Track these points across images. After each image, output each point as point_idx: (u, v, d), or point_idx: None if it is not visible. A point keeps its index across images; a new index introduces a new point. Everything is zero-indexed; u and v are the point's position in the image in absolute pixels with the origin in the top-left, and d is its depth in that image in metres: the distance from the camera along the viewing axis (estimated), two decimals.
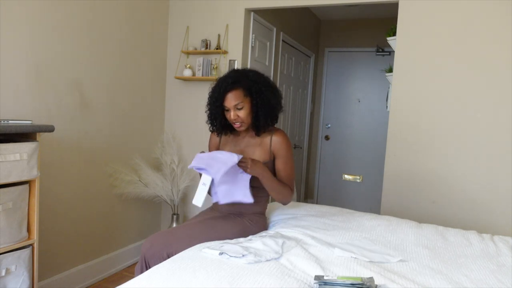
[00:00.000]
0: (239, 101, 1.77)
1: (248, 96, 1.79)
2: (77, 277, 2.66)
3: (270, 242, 1.53)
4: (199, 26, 3.27)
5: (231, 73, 1.84)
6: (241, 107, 1.78)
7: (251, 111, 1.80)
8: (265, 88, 1.81)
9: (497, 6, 2.46)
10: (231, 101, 1.77)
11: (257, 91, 1.79)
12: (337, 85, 5.24)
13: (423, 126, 2.67)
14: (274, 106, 1.84)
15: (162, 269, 1.30)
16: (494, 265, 1.51)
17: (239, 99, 1.77)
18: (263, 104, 1.79)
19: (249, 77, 1.81)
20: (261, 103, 1.79)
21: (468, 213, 2.56)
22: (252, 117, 1.81)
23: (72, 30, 2.48)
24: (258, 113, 1.80)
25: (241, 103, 1.77)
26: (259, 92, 1.79)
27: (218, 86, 1.81)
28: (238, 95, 1.77)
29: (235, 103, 1.77)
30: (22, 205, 1.82)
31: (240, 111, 1.78)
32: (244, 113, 1.79)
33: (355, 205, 4.77)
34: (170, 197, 3.11)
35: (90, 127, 2.67)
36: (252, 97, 1.79)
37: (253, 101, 1.79)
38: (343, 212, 2.19)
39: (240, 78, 1.80)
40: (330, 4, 3.03)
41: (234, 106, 1.77)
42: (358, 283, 1.17)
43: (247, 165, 1.73)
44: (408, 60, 2.70)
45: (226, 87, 1.78)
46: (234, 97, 1.77)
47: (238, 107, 1.78)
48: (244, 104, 1.78)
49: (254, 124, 1.83)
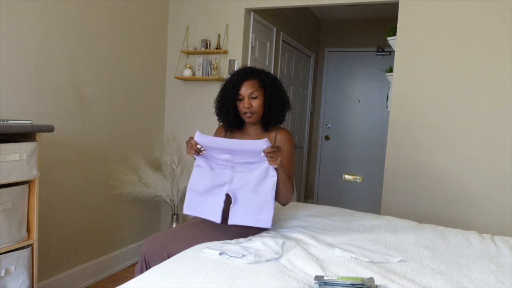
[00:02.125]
0: (254, 90, 1.82)
1: (262, 89, 1.85)
2: (77, 277, 2.66)
3: (270, 242, 1.52)
4: (199, 26, 3.27)
5: (247, 67, 1.94)
6: (256, 96, 1.83)
7: (263, 103, 1.85)
8: (278, 84, 1.91)
9: (497, 6, 2.46)
10: (247, 89, 1.82)
11: (271, 85, 1.86)
12: (337, 85, 5.24)
13: (423, 126, 2.67)
14: (284, 102, 1.90)
15: (162, 269, 1.30)
16: (494, 266, 1.51)
17: (254, 88, 1.82)
18: (276, 97, 1.86)
19: (263, 72, 1.91)
20: (275, 96, 1.85)
21: (468, 213, 2.56)
22: (264, 109, 1.86)
23: (72, 30, 2.48)
24: (271, 106, 1.85)
25: (256, 92, 1.83)
26: (273, 86, 1.87)
27: (235, 75, 1.88)
28: (254, 84, 1.83)
29: (251, 91, 1.82)
30: (22, 205, 1.81)
31: (254, 101, 1.83)
32: (257, 103, 1.83)
33: (355, 205, 4.76)
34: (170, 197, 3.11)
35: (90, 127, 2.67)
36: (266, 89, 1.85)
37: (267, 93, 1.85)
38: (343, 212, 2.19)
39: (256, 71, 1.89)
40: (330, 4, 3.03)
41: (250, 94, 1.82)
42: (358, 283, 1.17)
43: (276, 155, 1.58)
44: (408, 60, 2.70)
45: (244, 76, 1.85)
46: (250, 86, 1.83)
47: (253, 96, 1.82)
48: (259, 94, 1.83)
49: (266, 117, 1.87)
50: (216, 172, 1.68)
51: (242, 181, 1.65)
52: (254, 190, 1.63)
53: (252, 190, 1.63)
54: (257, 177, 1.62)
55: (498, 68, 2.47)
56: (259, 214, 1.63)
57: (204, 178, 1.70)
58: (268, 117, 1.86)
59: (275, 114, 1.86)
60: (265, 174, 1.61)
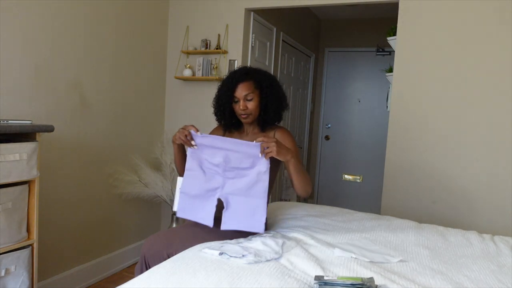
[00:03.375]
0: (249, 92, 1.81)
1: (258, 89, 1.84)
2: (77, 277, 2.66)
3: (270, 242, 1.52)
4: (199, 26, 3.27)
5: (243, 68, 1.92)
6: (251, 98, 1.82)
7: (259, 104, 1.85)
8: (275, 84, 1.89)
9: (497, 6, 2.46)
10: (242, 91, 1.81)
11: (267, 85, 1.86)
12: (337, 85, 5.24)
13: (423, 126, 2.67)
14: (281, 102, 1.90)
15: (162, 269, 1.30)
16: (494, 266, 1.51)
17: (249, 90, 1.82)
18: (272, 98, 1.85)
19: (260, 73, 1.90)
20: (271, 96, 1.85)
21: (468, 213, 2.56)
22: (260, 110, 1.85)
23: (71, 30, 2.48)
24: (267, 106, 1.84)
25: (251, 94, 1.82)
26: (269, 86, 1.86)
27: (230, 77, 1.87)
28: (249, 86, 1.82)
29: (246, 93, 1.81)
30: (22, 205, 1.81)
31: (250, 103, 1.82)
32: (253, 104, 1.82)
33: (355, 205, 4.75)
34: (170, 197, 3.11)
35: (90, 127, 2.67)
36: (262, 90, 1.85)
37: (262, 94, 1.84)
38: (343, 212, 2.19)
39: (251, 71, 1.88)
40: (330, 4, 3.03)
41: (244, 97, 1.81)
42: (358, 284, 1.17)
43: (269, 143, 1.55)
44: (408, 60, 2.70)
45: (238, 78, 1.84)
46: (245, 88, 1.82)
47: (248, 98, 1.82)
48: (254, 96, 1.82)
49: (262, 118, 1.87)
50: (208, 176, 1.68)
51: (234, 186, 1.64)
52: (246, 195, 1.62)
53: (244, 195, 1.63)
54: (248, 182, 1.61)
55: (498, 68, 2.46)
56: (251, 219, 1.62)
57: (196, 182, 1.69)
58: (265, 117, 1.86)
59: (271, 114, 1.86)
60: (256, 179, 1.60)
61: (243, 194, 1.63)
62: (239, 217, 1.63)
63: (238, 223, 1.63)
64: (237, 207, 1.64)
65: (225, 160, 1.62)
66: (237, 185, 1.63)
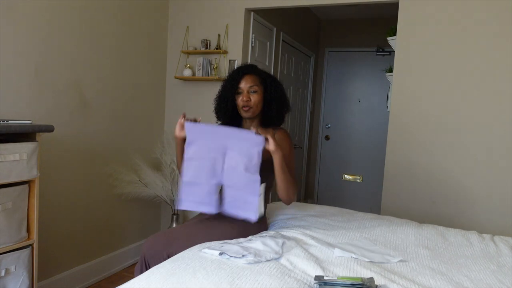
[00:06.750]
0: (254, 84, 1.84)
1: (262, 85, 1.88)
2: (77, 277, 2.66)
3: (270, 242, 1.52)
4: (199, 26, 3.27)
5: (250, 64, 1.98)
6: (255, 90, 1.85)
7: (262, 100, 1.87)
8: (279, 85, 1.94)
9: (497, 6, 2.46)
10: (247, 83, 1.84)
11: (272, 84, 1.89)
12: (337, 85, 5.24)
13: (423, 126, 2.67)
14: (284, 103, 1.93)
15: (162, 269, 1.30)
16: (494, 266, 1.51)
17: (254, 82, 1.85)
18: (276, 96, 1.88)
19: (265, 72, 1.95)
20: (275, 94, 1.88)
21: (468, 213, 2.56)
22: (263, 106, 1.87)
23: (71, 30, 2.48)
24: (270, 104, 1.87)
25: (256, 87, 1.85)
26: (274, 86, 1.89)
27: (237, 69, 1.92)
28: (254, 79, 1.86)
29: (250, 85, 1.84)
30: (22, 205, 1.81)
31: (253, 95, 1.84)
32: (256, 98, 1.85)
33: (355, 205, 4.75)
34: (170, 197, 3.11)
35: (90, 127, 2.67)
36: (267, 87, 1.88)
37: (266, 91, 1.87)
38: (343, 212, 2.19)
39: (258, 69, 1.93)
40: (330, 4, 3.03)
41: (249, 88, 1.84)
42: (358, 283, 1.17)
43: (266, 134, 1.60)
44: (408, 60, 2.70)
45: (245, 69, 1.88)
46: (250, 80, 1.85)
47: (252, 90, 1.84)
48: (258, 90, 1.85)
49: (266, 116, 1.88)
50: (208, 164, 1.69)
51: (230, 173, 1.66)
52: (242, 187, 1.64)
53: (240, 187, 1.65)
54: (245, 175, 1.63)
55: (498, 68, 2.47)
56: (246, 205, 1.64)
57: (197, 171, 1.70)
58: (267, 114, 1.88)
59: (274, 113, 1.87)
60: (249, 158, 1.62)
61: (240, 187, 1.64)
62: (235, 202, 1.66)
63: (232, 207, 1.66)
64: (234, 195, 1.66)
65: (220, 146, 1.64)
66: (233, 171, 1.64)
